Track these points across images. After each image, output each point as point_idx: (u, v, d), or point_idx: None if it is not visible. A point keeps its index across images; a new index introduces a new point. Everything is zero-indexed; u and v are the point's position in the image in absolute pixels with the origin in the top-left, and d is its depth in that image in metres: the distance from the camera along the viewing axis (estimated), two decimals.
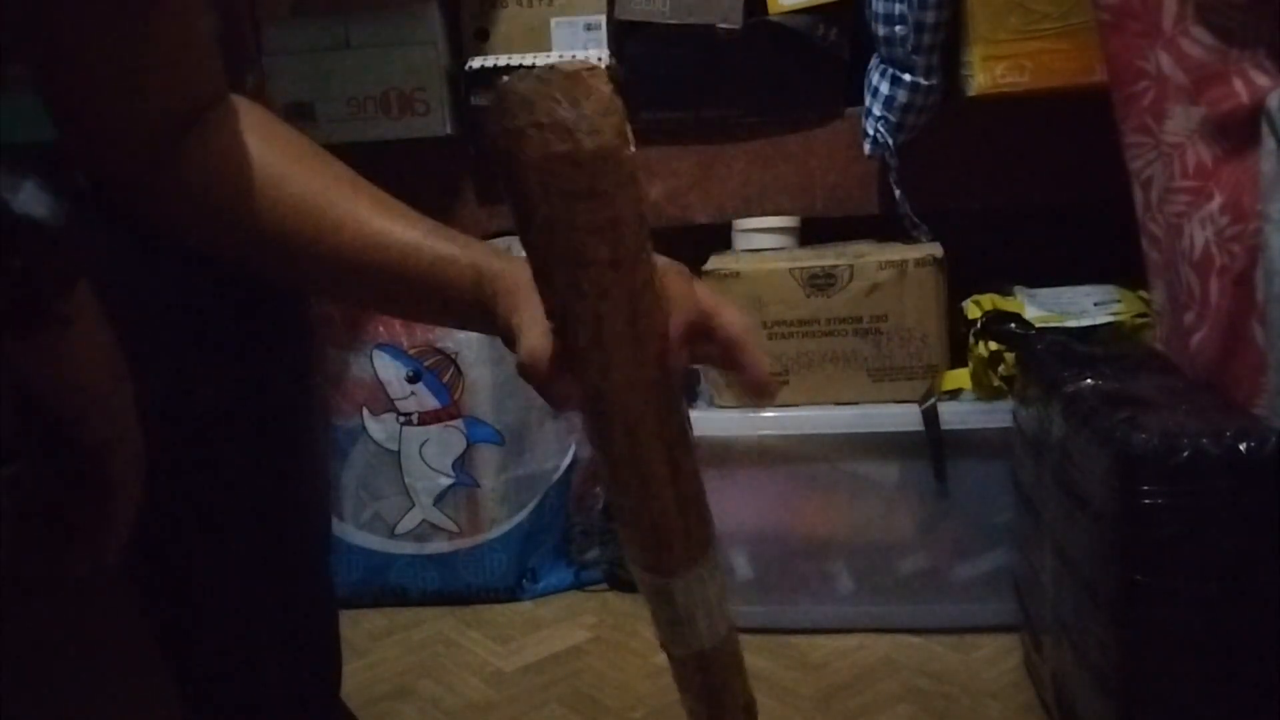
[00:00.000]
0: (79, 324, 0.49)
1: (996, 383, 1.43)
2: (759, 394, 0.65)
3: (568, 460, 1.76)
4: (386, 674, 1.55)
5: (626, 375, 0.59)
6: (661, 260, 0.62)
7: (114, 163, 0.64)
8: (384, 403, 1.70)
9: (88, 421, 0.52)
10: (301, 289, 0.74)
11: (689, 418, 0.66)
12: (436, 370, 1.69)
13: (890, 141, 1.53)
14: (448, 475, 1.72)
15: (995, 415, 1.43)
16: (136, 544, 0.58)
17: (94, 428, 0.52)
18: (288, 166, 0.68)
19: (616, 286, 0.56)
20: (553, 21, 1.67)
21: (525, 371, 0.58)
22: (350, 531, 1.72)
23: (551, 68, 0.53)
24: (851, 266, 1.48)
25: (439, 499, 1.72)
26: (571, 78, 0.53)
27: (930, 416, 1.45)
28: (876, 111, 1.54)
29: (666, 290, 0.61)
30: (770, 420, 1.51)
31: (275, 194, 0.67)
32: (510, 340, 0.62)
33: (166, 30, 0.62)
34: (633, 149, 0.54)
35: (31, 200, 0.45)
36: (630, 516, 0.66)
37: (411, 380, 1.69)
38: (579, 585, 1.77)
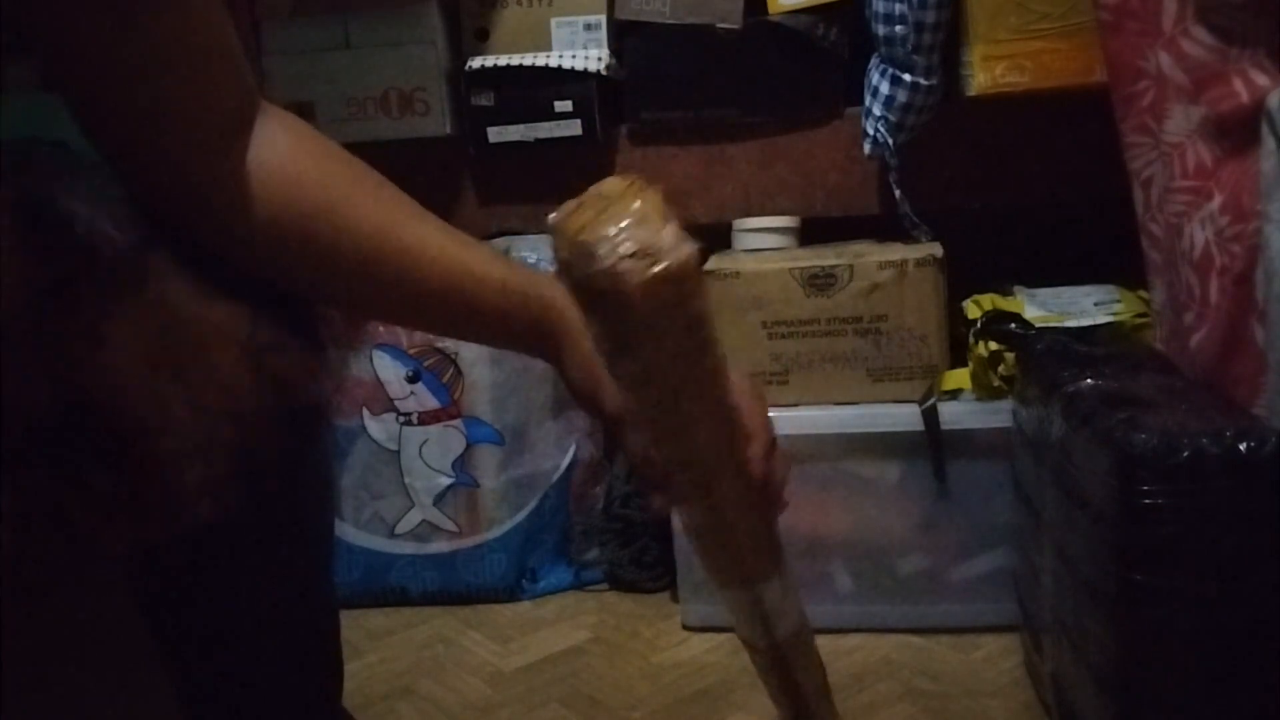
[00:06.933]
0: (128, 304, 0.49)
1: (996, 383, 1.43)
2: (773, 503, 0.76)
3: (568, 460, 1.76)
4: (386, 674, 1.55)
5: (707, 436, 0.67)
6: (738, 373, 0.72)
7: (158, 179, 0.63)
8: (384, 403, 1.70)
9: (119, 403, 0.51)
10: (347, 309, 0.75)
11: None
12: (436, 370, 1.69)
13: (890, 141, 1.53)
14: (448, 475, 1.72)
15: (995, 415, 1.43)
16: (138, 547, 0.58)
17: (126, 411, 0.52)
18: (348, 189, 0.68)
19: (699, 368, 0.62)
20: (553, 21, 1.67)
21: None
22: (350, 531, 1.72)
23: (602, 193, 0.56)
24: (851, 266, 1.48)
25: (439, 499, 1.72)
26: (626, 196, 0.55)
27: (930, 416, 1.45)
28: (876, 111, 1.54)
29: (748, 413, 0.71)
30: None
31: (339, 219, 0.67)
32: (564, 374, 0.73)
33: (186, 27, 0.61)
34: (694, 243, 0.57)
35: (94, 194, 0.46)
36: (714, 545, 0.75)
37: (411, 380, 1.69)
38: (579, 585, 1.77)
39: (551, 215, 0.57)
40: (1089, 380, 1.13)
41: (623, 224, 0.54)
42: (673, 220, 0.55)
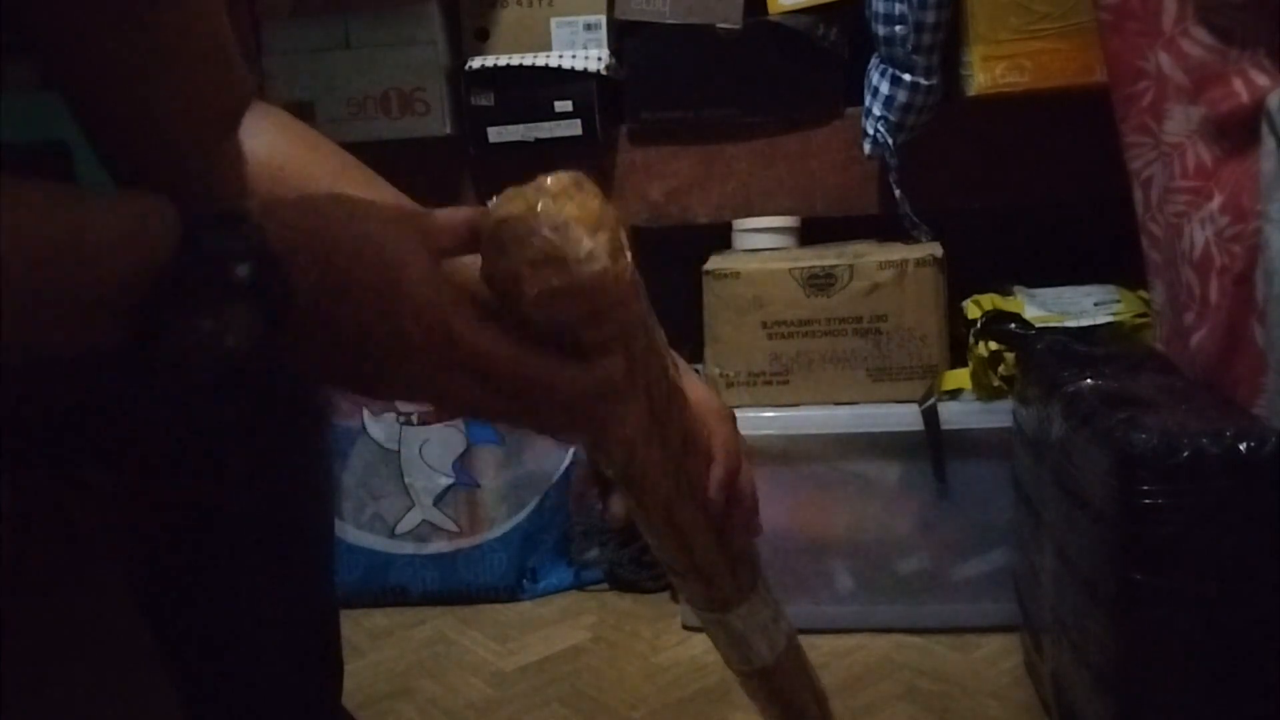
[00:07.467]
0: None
1: (996, 383, 1.43)
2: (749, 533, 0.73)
3: (568, 460, 1.76)
4: (386, 674, 1.55)
5: (654, 459, 0.63)
6: (706, 396, 0.70)
7: (152, 171, 0.63)
8: (384, 403, 1.70)
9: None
10: None
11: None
12: None
13: (890, 141, 1.53)
14: (448, 475, 1.72)
15: (995, 415, 1.43)
16: (138, 545, 0.58)
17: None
18: (330, 180, 0.68)
19: (630, 386, 0.57)
20: (553, 21, 1.67)
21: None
22: (350, 531, 1.72)
23: (539, 187, 0.52)
24: (851, 266, 1.48)
25: (439, 499, 1.72)
26: (560, 198, 0.51)
27: (930, 416, 1.45)
28: (876, 111, 1.54)
29: (712, 437, 0.68)
30: (770, 420, 1.51)
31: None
32: None
33: (186, 25, 0.62)
34: (629, 257, 0.52)
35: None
36: (680, 570, 0.71)
37: None
38: (579, 585, 1.77)
39: (494, 198, 0.53)
40: (1089, 380, 1.13)
41: (543, 226, 0.50)
42: (606, 231, 0.51)
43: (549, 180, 0.53)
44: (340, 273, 0.48)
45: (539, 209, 0.51)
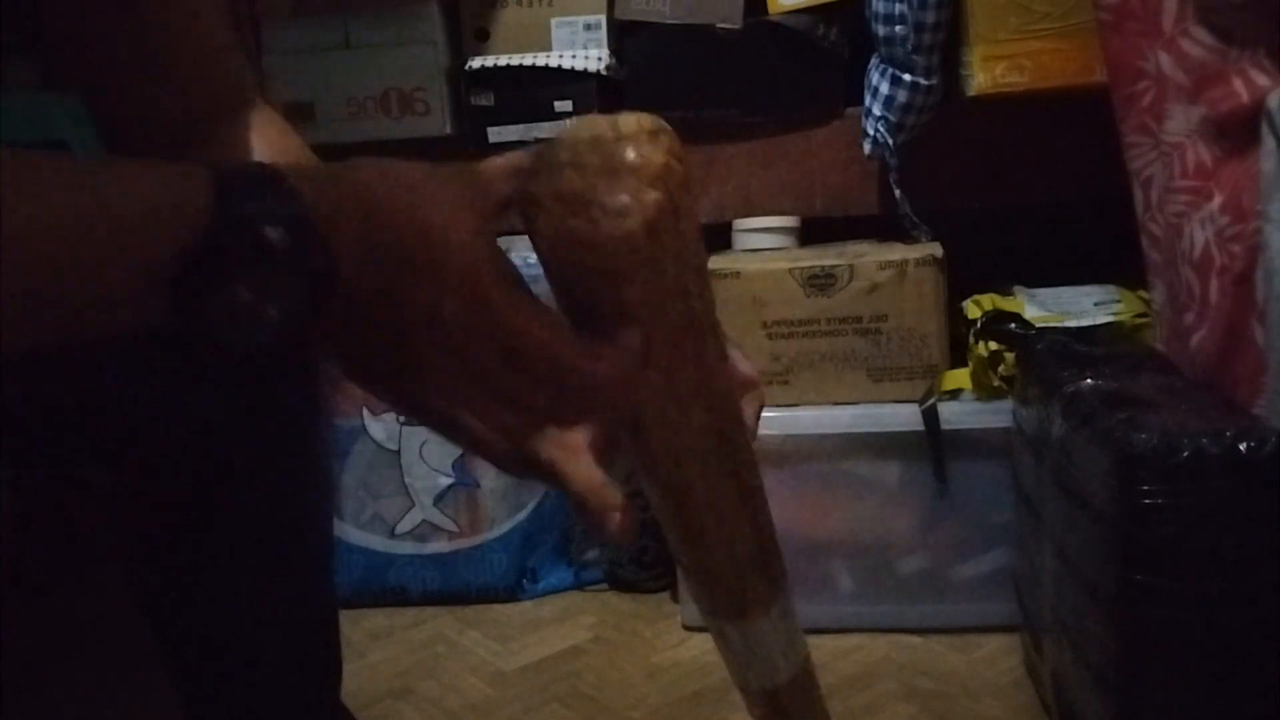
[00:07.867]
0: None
1: (996, 383, 1.43)
2: None
3: None
4: (386, 674, 1.55)
5: (659, 444, 0.56)
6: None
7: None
8: None
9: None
10: None
11: (758, 480, 0.64)
12: None
13: (890, 141, 1.53)
14: (447, 475, 1.72)
15: (995, 415, 1.43)
16: (138, 545, 0.58)
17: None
18: None
19: (652, 367, 0.50)
20: (553, 21, 1.67)
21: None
22: (350, 531, 1.72)
23: (612, 122, 0.47)
24: (851, 266, 1.48)
25: (439, 499, 1.72)
26: (623, 141, 0.46)
27: (930, 416, 1.45)
28: (876, 111, 1.54)
29: (738, 375, 0.63)
30: (770, 420, 1.51)
31: None
32: None
33: (183, 25, 0.62)
34: (681, 227, 0.47)
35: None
36: (694, 572, 0.65)
37: None
38: (579, 585, 1.77)
39: (575, 119, 0.51)
40: (1089, 380, 1.13)
41: (586, 161, 0.45)
42: (658, 191, 0.46)
43: (624, 118, 0.48)
44: (382, 238, 0.45)
45: (593, 144, 0.46)
